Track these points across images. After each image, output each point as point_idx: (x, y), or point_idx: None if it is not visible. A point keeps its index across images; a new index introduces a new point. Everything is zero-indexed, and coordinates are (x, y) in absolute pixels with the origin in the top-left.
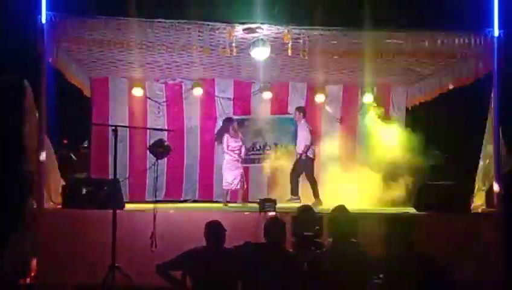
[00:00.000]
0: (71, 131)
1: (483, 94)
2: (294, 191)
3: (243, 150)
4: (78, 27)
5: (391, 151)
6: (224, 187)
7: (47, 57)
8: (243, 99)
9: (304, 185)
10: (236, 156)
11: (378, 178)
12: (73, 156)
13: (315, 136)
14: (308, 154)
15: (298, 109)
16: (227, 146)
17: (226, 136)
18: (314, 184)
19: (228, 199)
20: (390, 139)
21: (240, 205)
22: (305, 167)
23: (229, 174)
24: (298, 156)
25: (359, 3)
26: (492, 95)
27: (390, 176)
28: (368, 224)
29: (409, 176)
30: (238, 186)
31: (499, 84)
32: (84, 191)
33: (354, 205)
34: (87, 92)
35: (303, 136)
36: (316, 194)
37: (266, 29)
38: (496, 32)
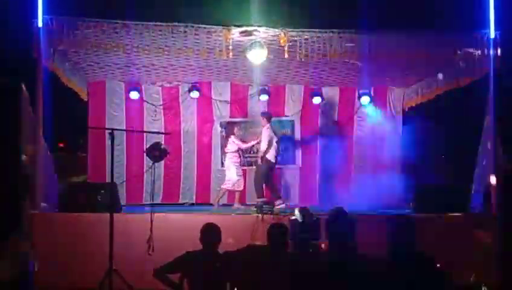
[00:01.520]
0: (68, 134)
1: (480, 95)
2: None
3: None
4: (75, 30)
5: (388, 152)
6: (225, 187)
7: (43, 60)
8: (239, 102)
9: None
10: (239, 157)
11: (375, 179)
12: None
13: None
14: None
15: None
16: (233, 147)
17: (231, 138)
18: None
19: (224, 201)
20: (387, 140)
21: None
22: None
23: (233, 175)
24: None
25: (355, 6)
26: (489, 96)
27: (387, 177)
28: (367, 226)
29: (407, 176)
30: (241, 188)
31: (496, 85)
32: (80, 194)
33: (351, 207)
34: (83, 95)
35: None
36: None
37: (263, 32)
38: (492, 34)
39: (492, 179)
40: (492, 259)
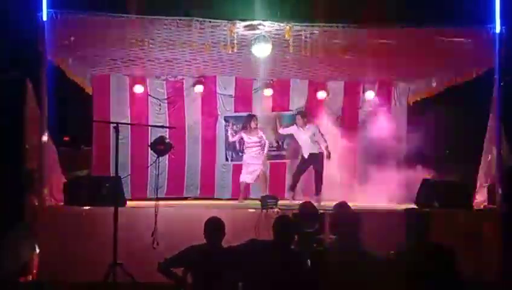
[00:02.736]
0: (72, 128)
1: (485, 90)
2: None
3: (265, 146)
4: (79, 24)
5: (393, 147)
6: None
7: (48, 54)
8: (244, 97)
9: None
10: (254, 152)
11: (380, 174)
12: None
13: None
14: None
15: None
16: (245, 142)
17: (241, 133)
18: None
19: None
20: (391, 135)
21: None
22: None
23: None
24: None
25: (360, 0)
26: (493, 91)
27: (392, 172)
28: (371, 221)
29: (411, 171)
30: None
31: (500, 80)
32: (85, 188)
33: (355, 201)
34: (88, 89)
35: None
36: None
37: (267, 26)
38: (498, 29)
39: (497, 176)
40: (496, 254)
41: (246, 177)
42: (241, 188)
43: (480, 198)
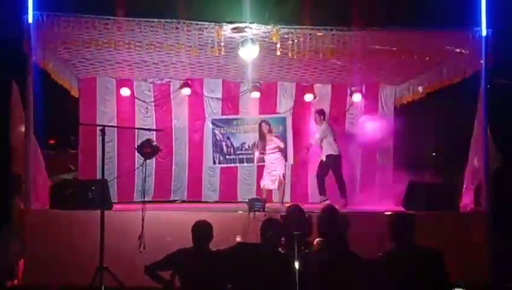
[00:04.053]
0: (58, 131)
1: (471, 93)
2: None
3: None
4: (65, 26)
5: (380, 150)
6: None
7: (34, 56)
8: (231, 100)
9: None
10: (272, 158)
11: (367, 177)
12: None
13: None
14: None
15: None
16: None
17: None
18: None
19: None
20: (378, 138)
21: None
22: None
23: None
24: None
25: (347, 4)
26: (480, 93)
27: (379, 174)
28: (358, 223)
29: (398, 174)
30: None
31: (487, 83)
32: (71, 191)
33: (342, 204)
34: (74, 92)
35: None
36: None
37: (254, 29)
38: (484, 32)
39: (483, 178)
40: (483, 255)
41: (266, 182)
42: (264, 194)
43: (467, 200)
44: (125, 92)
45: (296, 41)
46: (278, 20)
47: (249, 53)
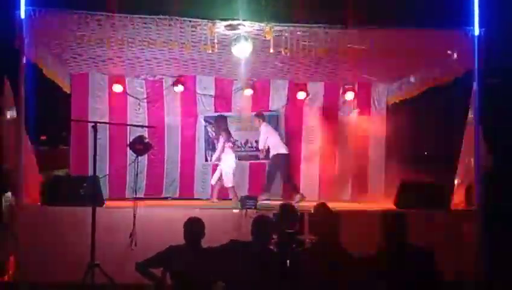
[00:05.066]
0: (50, 127)
1: (463, 92)
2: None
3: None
4: (58, 22)
5: (372, 148)
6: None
7: (26, 52)
8: (224, 97)
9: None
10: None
11: (359, 175)
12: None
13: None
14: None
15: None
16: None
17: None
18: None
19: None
20: (371, 136)
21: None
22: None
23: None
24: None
25: (341, 1)
26: (472, 93)
27: (372, 173)
28: (350, 222)
29: (390, 173)
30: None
31: (479, 82)
32: (63, 187)
33: (337, 202)
34: (66, 88)
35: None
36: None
37: (248, 26)
38: (477, 31)
39: (475, 177)
40: (475, 254)
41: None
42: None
43: (458, 199)
44: (117, 88)
45: (289, 38)
46: (271, 18)
47: (242, 50)
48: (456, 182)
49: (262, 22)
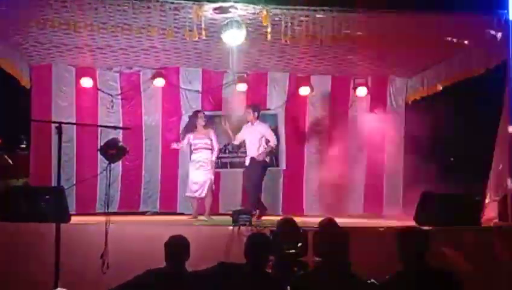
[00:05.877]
0: (6, 129)
1: (494, 87)
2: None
3: (214, 151)
4: (16, 5)
5: (389, 154)
6: (186, 194)
7: None
8: (212, 92)
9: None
10: (203, 158)
11: (373, 185)
12: (9, 159)
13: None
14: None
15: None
16: (191, 146)
17: (189, 135)
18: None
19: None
20: (386, 139)
21: (205, 219)
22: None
23: (194, 180)
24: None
25: None
26: (506, 87)
27: (388, 183)
28: (362, 241)
29: (409, 182)
30: (203, 195)
31: None
32: (21, 201)
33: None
34: (25, 82)
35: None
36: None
37: (241, 9)
38: (511, 15)
39: (509, 187)
40: (509, 278)
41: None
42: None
43: (490, 213)
44: (86, 82)
45: (289, 24)
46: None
47: (234, 38)
48: (487, 193)
49: (258, 4)
